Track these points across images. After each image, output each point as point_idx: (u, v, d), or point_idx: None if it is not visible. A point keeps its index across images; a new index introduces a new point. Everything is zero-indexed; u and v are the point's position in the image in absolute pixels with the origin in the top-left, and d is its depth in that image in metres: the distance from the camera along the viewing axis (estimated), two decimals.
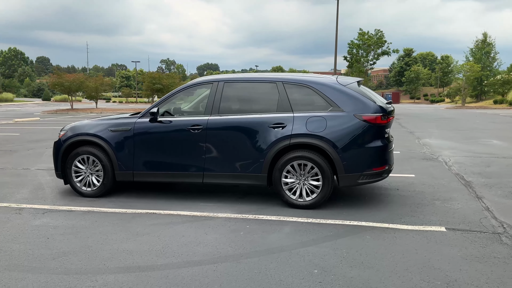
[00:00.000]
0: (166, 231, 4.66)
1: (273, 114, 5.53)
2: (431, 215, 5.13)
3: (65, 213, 5.38)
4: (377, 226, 4.76)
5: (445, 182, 6.85)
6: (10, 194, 6.32)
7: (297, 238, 4.39)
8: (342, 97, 5.40)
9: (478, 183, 6.75)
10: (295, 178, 5.43)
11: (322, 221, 4.94)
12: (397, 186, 6.59)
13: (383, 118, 5.33)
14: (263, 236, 4.47)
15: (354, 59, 32.30)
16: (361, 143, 5.29)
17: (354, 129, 5.28)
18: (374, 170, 5.35)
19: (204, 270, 3.65)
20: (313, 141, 5.31)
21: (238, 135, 5.58)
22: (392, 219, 5.00)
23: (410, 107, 44.81)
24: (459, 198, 5.89)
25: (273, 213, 5.26)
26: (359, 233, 4.54)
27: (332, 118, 5.34)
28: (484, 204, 5.55)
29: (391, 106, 5.85)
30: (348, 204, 5.64)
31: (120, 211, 5.42)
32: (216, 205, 5.65)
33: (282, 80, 5.64)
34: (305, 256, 3.91)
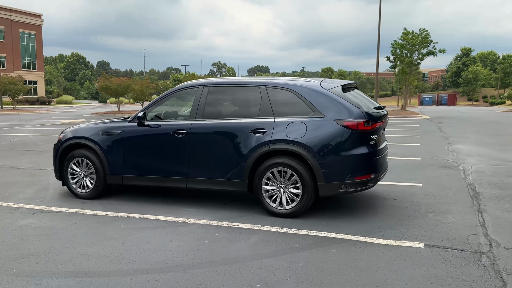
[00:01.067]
0: (135, 236, 4.67)
1: (254, 119, 5.39)
2: (416, 229, 4.76)
3: (53, 214, 5.55)
4: (351, 239, 4.48)
5: (451, 193, 6.35)
6: (16, 193, 6.63)
7: (259, 249, 4.23)
8: (324, 102, 5.15)
9: (488, 195, 6.20)
10: (275, 186, 5.25)
11: (295, 231, 4.73)
12: (397, 196, 6.20)
13: (366, 124, 5.02)
14: (226, 245, 4.34)
15: (397, 60, 31.05)
16: (342, 150, 5.01)
17: (335, 135, 5.02)
18: (356, 179, 5.05)
19: (147, 279, 3.60)
20: (292, 147, 5.11)
21: (220, 140, 5.49)
22: (372, 232, 4.69)
23: (462, 110, 42.47)
24: (457, 211, 5.43)
25: (250, 221, 5.11)
26: (327, 245, 4.30)
27: (312, 124, 5.11)
28: (482, 219, 5.07)
29: (381, 111, 5.52)
30: (333, 214, 5.37)
31: (104, 213, 5.51)
32: (198, 211, 5.59)
33: (265, 84, 5.48)
34: (256, 269, 3.75)
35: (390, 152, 10.50)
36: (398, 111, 29.92)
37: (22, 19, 66.58)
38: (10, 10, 65.08)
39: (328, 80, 5.59)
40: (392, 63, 31.60)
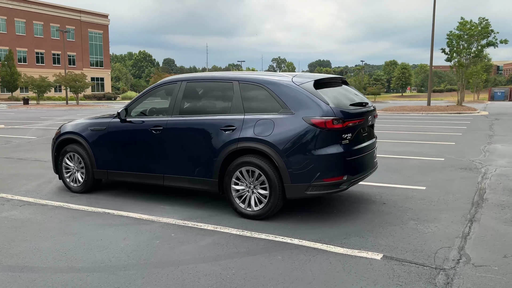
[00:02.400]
0: (95, 232, 4.67)
1: (224, 116, 5.19)
2: (386, 238, 4.31)
3: (38, 207, 5.73)
4: (306, 245, 4.15)
5: (452, 199, 5.72)
6: (20, 185, 6.95)
7: (203, 253, 4.04)
8: (293, 98, 4.83)
9: (494, 202, 5.51)
10: (244, 186, 5.03)
11: (254, 234, 4.48)
12: (388, 200, 5.70)
13: (335, 122, 4.63)
14: (174, 247, 4.20)
15: (454, 52, 28.89)
16: (309, 149, 4.66)
17: (302, 133, 4.68)
18: (325, 181, 4.68)
19: (73, 278, 3.56)
20: (258, 146, 4.85)
21: (192, 137, 5.36)
22: (334, 238, 4.32)
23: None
24: (445, 219, 4.86)
25: (216, 221, 4.94)
26: (276, 252, 4.01)
27: (280, 121, 4.81)
28: (468, 230, 4.50)
29: (361, 108, 5.08)
30: (306, 216, 5.04)
31: (84, 208, 5.59)
32: (173, 208, 5.50)
33: (238, 80, 5.25)
34: (185, 274, 3.57)
35: (414, 151, 9.84)
36: (453, 107, 27.95)
37: (91, 20, 70.77)
38: (80, 11, 69.41)
39: (302, 75, 5.24)
40: (447, 55, 29.48)
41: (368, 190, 6.23)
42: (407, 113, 26.30)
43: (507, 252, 3.90)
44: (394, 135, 13.70)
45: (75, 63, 68.79)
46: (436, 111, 25.74)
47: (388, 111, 28.10)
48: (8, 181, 7.27)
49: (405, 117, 23.46)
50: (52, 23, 64.63)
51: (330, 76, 5.43)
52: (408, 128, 16.09)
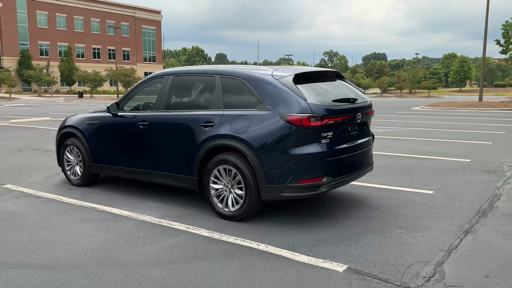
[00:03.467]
0: (70, 227, 4.65)
1: (205, 112, 4.99)
2: (361, 247, 3.92)
3: (33, 199, 5.84)
4: (271, 251, 3.87)
5: (457, 206, 5.16)
6: (30, 176, 7.16)
7: (160, 255, 3.86)
8: (271, 93, 4.52)
9: (503, 212, 4.89)
10: (222, 185, 4.81)
11: (222, 237, 4.26)
12: (384, 205, 5.24)
13: (312, 120, 4.28)
14: (134, 247, 4.06)
15: (510, 43, 26.62)
16: (284, 148, 4.35)
17: (277, 131, 4.37)
18: (301, 182, 4.35)
19: (20, 274, 3.51)
20: (234, 143, 4.60)
21: (174, 133, 5.20)
22: (304, 245, 4.00)
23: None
24: (437, 229, 4.36)
25: (192, 221, 4.75)
26: (235, 258, 3.76)
27: (256, 118, 4.53)
28: (457, 243, 3.99)
29: (348, 105, 4.67)
30: (288, 219, 4.74)
31: (73, 202, 5.62)
32: (157, 205, 5.39)
33: (221, 73, 5.01)
34: (128, 278, 3.42)
35: (442, 151, 9.10)
36: (507, 103, 25.81)
37: (144, 16, 73.09)
38: (134, 8, 71.86)
39: (284, 68, 4.90)
40: (502, 47, 27.22)
41: (368, 193, 5.79)
42: (455, 109, 24.70)
43: (492, 271, 3.40)
44: (428, 133, 12.84)
45: (129, 58, 71.45)
46: (487, 107, 23.95)
47: (435, 106, 26.56)
48: (22, 172, 7.52)
49: (451, 113, 22.03)
50: (108, 20, 67.45)
51: (317, 70, 5.06)
52: (447, 126, 15.05)
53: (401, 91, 64.49)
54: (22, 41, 58.83)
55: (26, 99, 46.27)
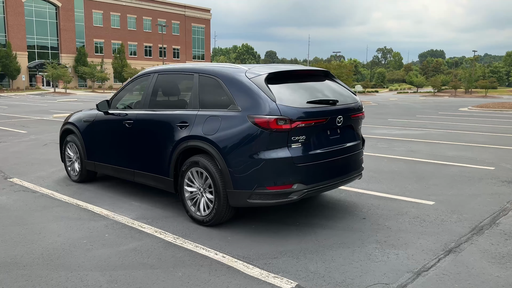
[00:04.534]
0: (44, 225, 4.64)
1: (181, 111, 4.82)
2: (322, 262, 3.59)
3: (28, 194, 5.96)
4: (224, 262, 3.63)
5: (455, 219, 4.64)
6: (39, 171, 7.36)
7: (112, 260, 3.74)
8: (242, 93, 4.27)
9: (503, 230, 4.32)
10: (196, 188, 4.62)
11: (185, 243, 4.07)
12: (371, 215, 4.83)
13: (280, 123, 3.97)
14: (92, 249, 3.96)
15: None
16: (252, 152, 4.08)
17: (245, 133, 4.12)
18: (269, 189, 4.06)
19: None
20: (204, 145, 4.40)
21: (154, 133, 5.08)
22: (263, 257, 3.73)
23: None
24: (418, 246, 3.91)
25: (163, 225, 4.61)
26: (184, 267, 3.56)
27: (226, 119, 4.30)
28: (432, 264, 3.54)
29: (325, 106, 4.32)
30: (263, 226, 4.47)
31: (62, 198, 5.66)
32: (139, 205, 5.31)
33: (199, 71, 4.82)
34: (69, 281, 3.31)
35: (467, 156, 8.40)
36: None
37: (194, 14, 74.48)
38: (185, 7, 73.40)
39: (261, 67, 4.59)
40: None
41: (362, 201, 5.38)
42: (505, 111, 22.94)
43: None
44: (464, 136, 11.94)
45: (179, 56, 73.15)
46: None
47: (484, 107, 24.85)
48: (35, 166, 7.76)
49: (499, 115, 20.46)
50: (160, 18, 69.34)
51: (298, 69, 4.73)
52: (489, 129, 13.94)
53: (455, 90, 61.16)
54: (79, 39, 61.87)
55: (79, 94, 48.65)
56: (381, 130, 13.41)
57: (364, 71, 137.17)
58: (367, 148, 9.58)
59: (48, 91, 52.42)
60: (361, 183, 6.28)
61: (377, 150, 9.27)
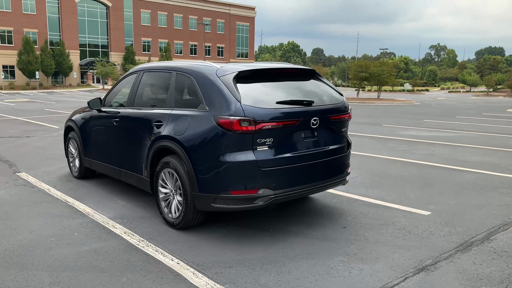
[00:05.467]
0: (24, 221, 4.68)
1: (157, 110, 4.72)
2: (276, 275, 3.35)
3: (27, 189, 6.08)
4: (175, 269, 3.48)
5: (445, 233, 4.21)
6: (48, 166, 7.55)
7: (66, 261, 3.68)
8: (210, 92, 4.09)
9: (494, 247, 3.85)
10: (169, 189, 4.50)
11: (146, 247, 3.96)
12: (354, 224, 4.50)
13: (244, 124, 3.76)
14: (53, 248, 3.94)
15: None
16: (215, 155, 3.89)
17: (210, 135, 3.94)
18: (232, 193, 3.86)
19: None
20: (172, 145, 4.27)
21: (134, 131, 5.02)
22: (217, 265, 3.54)
23: None
24: (389, 261, 3.56)
25: (136, 226, 4.53)
26: (132, 272, 3.45)
27: (194, 119, 4.14)
28: (393, 284, 3.19)
29: (295, 108, 4.03)
30: (231, 233, 4.27)
31: (55, 194, 5.73)
32: (123, 205, 5.27)
33: (176, 69, 4.69)
34: (14, 282, 3.30)
35: (491, 162, 7.78)
36: None
37: (239, 12, 74.92)
38: (230, 5, 73.96)
39: (235, 65, 4.37)
40: None
41: (351, 208, 5.04)
42: None
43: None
44: (498, 140, 11.06)
45: (223, 54, 73.88)
46: None
47: None
48: (48, 161, 7.99)
49: None
50: (205, 17, 70.34)
51: (276, 67, 4.46)
52: None
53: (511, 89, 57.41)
54: (127, 37, 64.01)
55: None
56: (409, 131, 12.73)
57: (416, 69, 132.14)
58: (383, 150, 9.09)
59: (97, 88, 54.70)
60: (359, 188, 5.92)
61: (394, 153, 8.76)
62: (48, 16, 57.00)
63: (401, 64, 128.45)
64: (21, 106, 23.87)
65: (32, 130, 12.65)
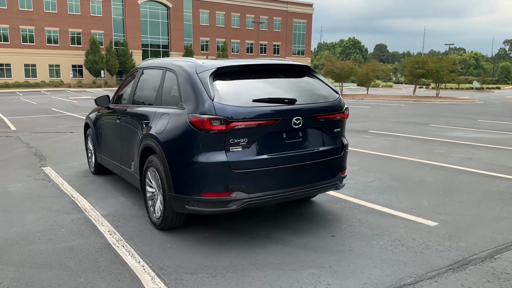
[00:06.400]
0: (22, 215, 4.81)
1: (147, 108, 4.66)
2: (234, 285, 3.12)
3: (43, 182, 6.29)
4: (136, 272, 3.38)
5: (443, 248, 3.73)
6: (73, 161, 7.80)
7: (35, 258, 3.69)
8: (188, 89, 3.94)
9: (492, 269, 3.32)
10: (154, 188, 4.42)
11: (120, 247, 3.90)
12: (345, 233, 4.13)
13: (214, 123, 3.56)
14: (36, 243, 4.00)
15: None
16: (188, 155, 3.73)
17: (183, 134, 3.80)
18: (204, 196, 3.68)
19: None
20: (153, 144, 4.17)
21: (128, 129, 5.02)
22: (181, 270, 3.39)
23: None
24: (360, 278, 3.19)
25: (122, 225, 4.50)
26: (93, 273, 3.38)
27: (173, 117, 4.01)
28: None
29: (273, 106, 3.76)
30: (210, 236, 4.10)
31: (65, 189, 5.88)
32: (123, 202, 5.28)
33: (165, 66, 4.58)
34: None
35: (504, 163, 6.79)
36: None
37: (296, 10, 74.31)
38: (287, 3, 73.54)
39: (217, 61, 4.16)
40: None
41: (350, 215, 4.66)
42: None
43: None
44: None
45: (279, 52, 73.68)
46: None
47: None
48: (75, 156, 8.28)
49: None
50: (262, 15, 70.52)
51: (261, 63, 4.18)
52: None
53: None
54: (187, 37, 65.76)
55: None
56: (455, 132, 11.79)
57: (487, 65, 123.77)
58: (417, 152, 8.45)
59: None
60: (370, 193, 5.50)
61: (427, 156, 8.10)
62: (113, 18, 59.97)
63: (471, 60, 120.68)
64: (82, 103, 25.23)
65: (79, 126, 13.25)
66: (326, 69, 33.21)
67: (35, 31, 54.09)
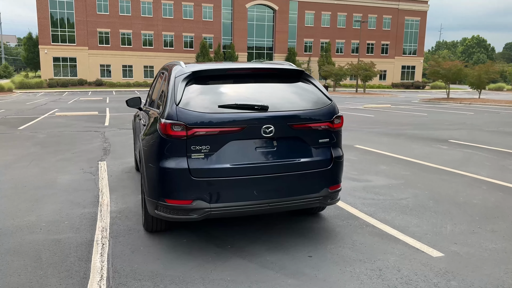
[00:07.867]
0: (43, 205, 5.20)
1: (149, 110, 4.73)
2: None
3: (88, 175, 6.83)
4: (91, 272, 3.45)
5: (428, 285, 3.11)
6: (131, 156, 8.35)
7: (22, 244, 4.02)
8: (165, 93, 3.92)
9: None
10: None
11: (99, 247, 4.02)
12: (329, 255, 3.71)
13: (175, 128, 3.49)
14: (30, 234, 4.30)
15: None
16: (155, 159, 3.70)
17: (153, 138, 3.81)
18: (168, 202, 3.62)
19: None
20: (138, 145, 4.22)
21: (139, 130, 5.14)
22: (130, 276, 3.37)
23: None
24: None
25: (119, 223, 4.65)
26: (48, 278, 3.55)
27: (153, 120, 4.02)
28: None
29: (242, 113, 3.52)
30: (188, 244, 4.02)
31: (100, 184, 6.30)
32: (140, 201, 5.48)
33: (164, 69, 4.62)
34: None
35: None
36: None
37: (409, 7, 70.21)
38: (398, 0, 69.74)
39: (202, 65, 4.04)
40: None
41: (349, 235, 4.19)
42: None
43: None
44: None
45: (387, 51, 70.22)
46: None
47: None
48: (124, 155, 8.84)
49: None
50: (370, 14, 67.93)
51: (245, 67, 3.96)
52: None
53: None
54: (291, 39, 66.25)
55: None
56: None
57: None
58: (487, 169, 7.34)
59: None
60: (392, 211, 4.92)
61: (494, 173, 6.96)
62: (223, 22, 63.01)
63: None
64: None
65: None
66: (431, 70, 30.66)
67: (154, 36, 59.29)
